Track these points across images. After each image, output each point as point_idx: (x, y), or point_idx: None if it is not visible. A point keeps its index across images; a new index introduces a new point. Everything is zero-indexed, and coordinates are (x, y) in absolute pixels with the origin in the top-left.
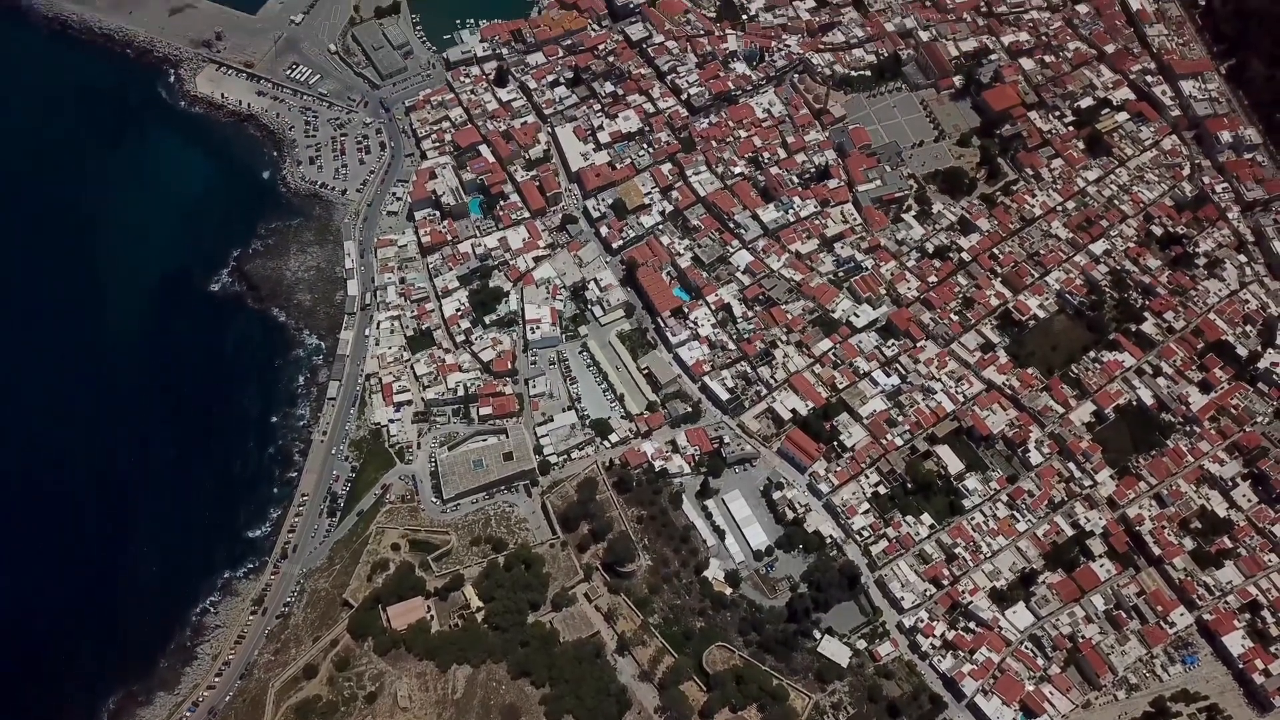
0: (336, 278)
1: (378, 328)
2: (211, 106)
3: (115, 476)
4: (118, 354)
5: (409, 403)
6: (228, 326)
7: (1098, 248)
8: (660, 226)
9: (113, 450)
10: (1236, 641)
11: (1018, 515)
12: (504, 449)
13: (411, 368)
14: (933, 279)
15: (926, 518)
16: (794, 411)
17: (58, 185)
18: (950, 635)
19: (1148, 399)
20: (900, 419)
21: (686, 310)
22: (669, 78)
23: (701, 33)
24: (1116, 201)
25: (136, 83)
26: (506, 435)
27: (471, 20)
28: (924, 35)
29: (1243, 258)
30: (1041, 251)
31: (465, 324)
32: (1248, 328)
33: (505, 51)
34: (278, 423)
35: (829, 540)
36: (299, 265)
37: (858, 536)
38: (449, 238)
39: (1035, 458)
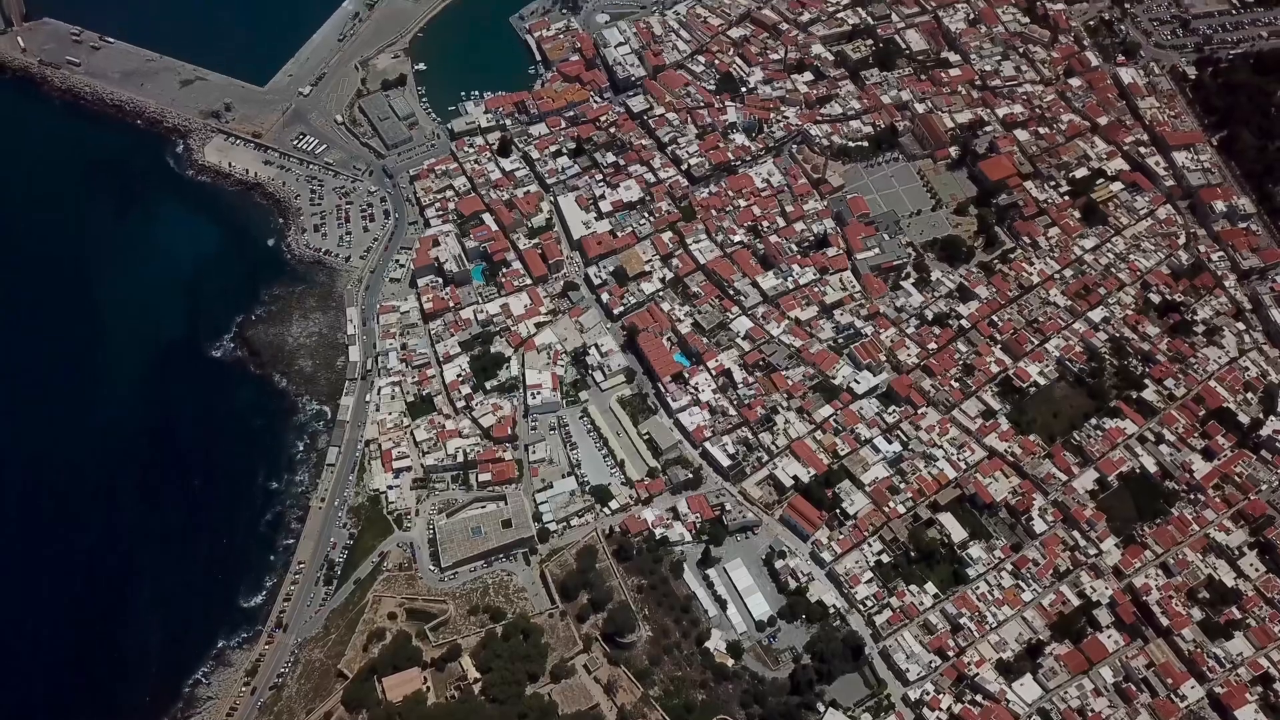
0: (338, 344)
1: (378, 394)
2: (219, 175)
3: (109, 543)
4: (117, 419)
5: (408, 469)
6: (228, 392)
7: (1096, 315)
8: (661, 293)
9: (108, 516)
10: (1249, 715)
11: (1023, 585)
12: (503, 516)
13: (411, 433)
14: (933, 346)
15: (931, 587)
16: (796, 478)
17: (64, 252)
18: (957, 709)
19: (1151, 466)
20: (903, 486)
21: (687, 376)
22: (669, 148)
23: (701, 105)
24: (1114, 269)
25: (146, 152)
26: (505, 502)
27: (476, 92)
28: (920, 107)
29: (1241, 325)
30: (1040, 319)
31: (466, 389)
32: (1248, 395)
33: (509, 123)
34: (276, 489)
35: (832, 610)
36: (301, 331)
37: (861, 606)
38: (451, 304)
39: (1039, 526)
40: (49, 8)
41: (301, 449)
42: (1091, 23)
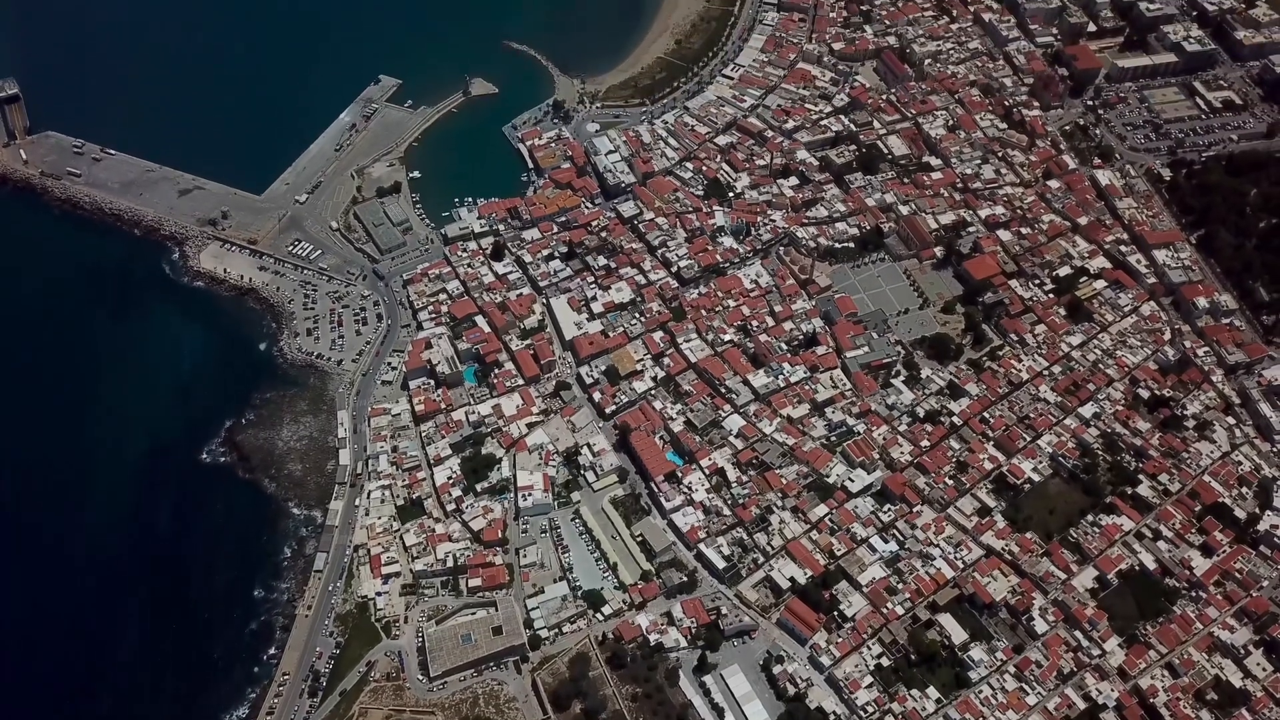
0: (329, 447)
1: (368, 497)
2: (214, 281)
3: (88, 649)
4: (100, 525)
5: (397, 575)
6: (215, 498)
7: (1087, 411)
8: (653, 392)
9: (87, 624)
10: None
11: (1026, 688)
12: (493, 623)
13: (401, 538)
14: (925, 443)
15: (933, 691)
16: (792, 580)
17: (59, 359)
18: None
19: (1150, 563)
20: (900, 586)
21: (680, 475)
22: (659, 251)
23: (690, 209)
24: (1101, 365)
25: (142, 259)
26: (496, 608)
27: (469, 199)
28: (904, 209)
29: (1231, 420)
30: (1031, 415)
31: (456, 492)
32: (1243, 490)
33: (502, 228)
34: (261, 597)
35: (832, 717)
36: (291, 435)
37: (862, 713)
38: (443, 406)
39: (1040, 626)
40: (53, 122)
41: (289, 555)
42: (1067, 128)
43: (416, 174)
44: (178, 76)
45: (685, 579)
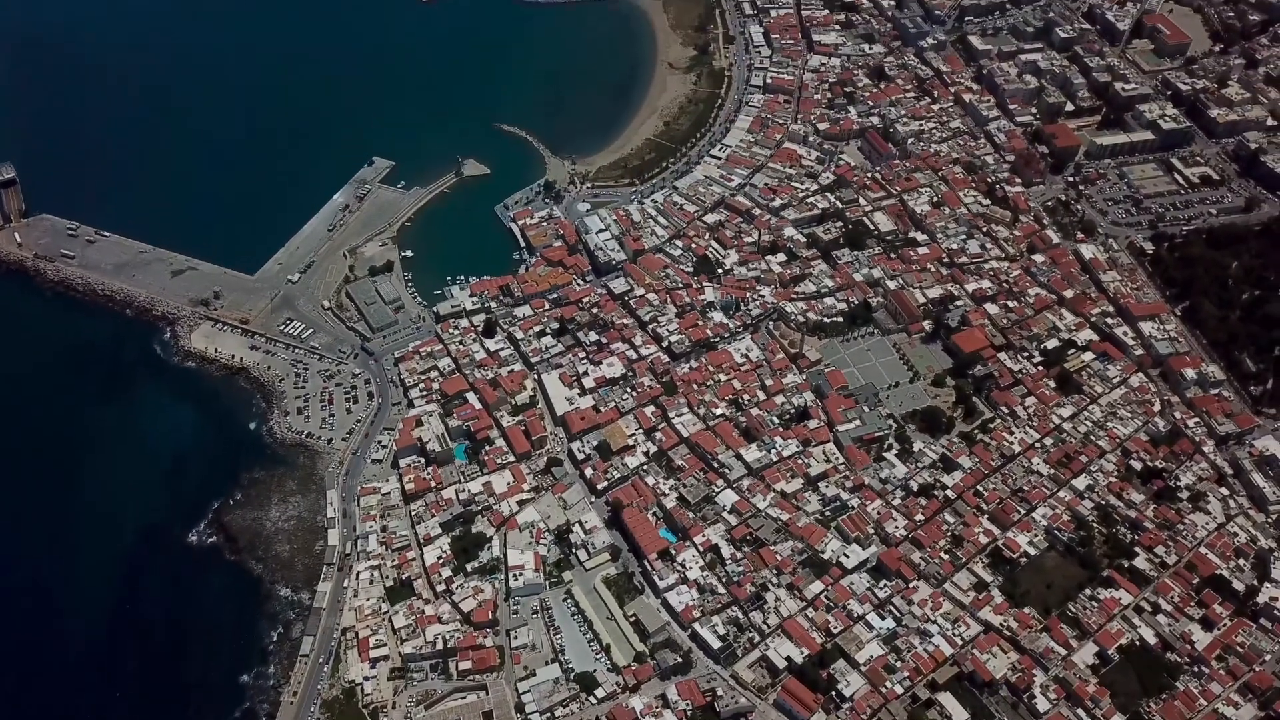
0: (317, 527)
1: (357, 578)
2: (204, 361)
3: None
4: (83, 609)
5: (385, 658)
6: (200, 580)
7: (1080, 483)
8: (645, 467)
9: (72, 710)
10: None
11: None
12: (484, 707)
13: (389, 620)
14: (920, 517)
15: None
16: (789, 659)
17: (46, 441)
18: None
19: (1150, 638)
20: (899, 664)
21: (674, 552)
22: (650, 327)
23: (680, 286)
24: (1093, 437)
25: (133, 340)
26: (486, 692)
27: (461, 277)
28: (891, 284)
29: (1225, 490)
30: (1025, 488)
31: (446, 572)
32: (1240, 561)
33: (494, 305)
34: (246, 683)
35: None
36: (280, 515)
37: None
38: (433, 484)
39: (1042, 704)
40: (49, 205)
41: (275, 639)
42: (1049, 204)
43: (409, 253)
44: (174, 159)
45: (680, 660)
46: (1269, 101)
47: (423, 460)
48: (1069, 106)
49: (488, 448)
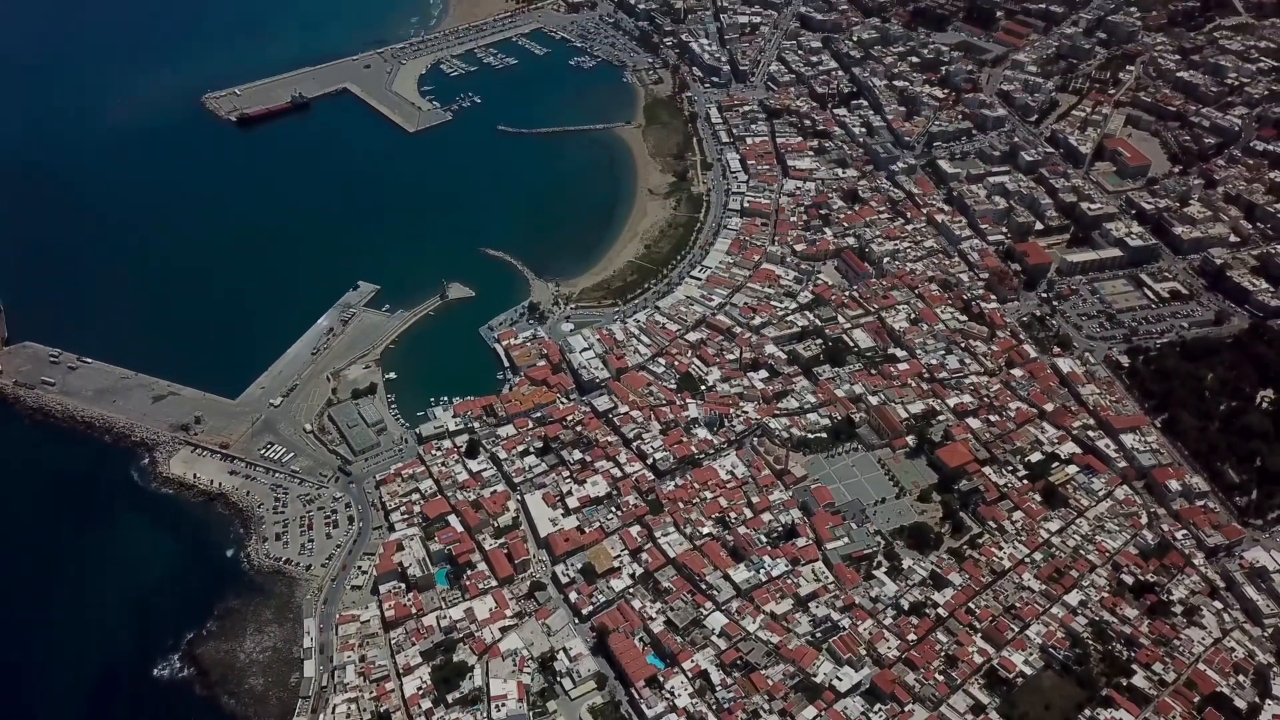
0: (293, 658)
1: (333, 712)
2: (182, 487)
3: None
4: None
5: None
6: (170, 718)
7: (1072, 599)
8: (631, 590)
9: None
10: None
11: None
12: None
13: None
14: (912, 637)
15: None
16: None
17: (13, 571)
18: None
19: None
20: None
21: (662, 679)
22: (634, 444)
23: (664, 402)
24: (1082, 551)
25: (109, 467)
26: None
27: (445, 398)
28: (873, 400)
29: (1218, 604)
30: (1017, 604)
31: (426, 704)
32: (1240, 678)
33: (477, 425)
34: None
35: None
36: (255, 646)
37: None
38: (413, 610)
39: None
40: (31, 332)
41: None
42: (1025, 319)
43: (392, 375)
44: (159, 285)
45: None
46: (1230, 219)
47: (403, 586)
48: (1038, 225)
49: (470, 572)
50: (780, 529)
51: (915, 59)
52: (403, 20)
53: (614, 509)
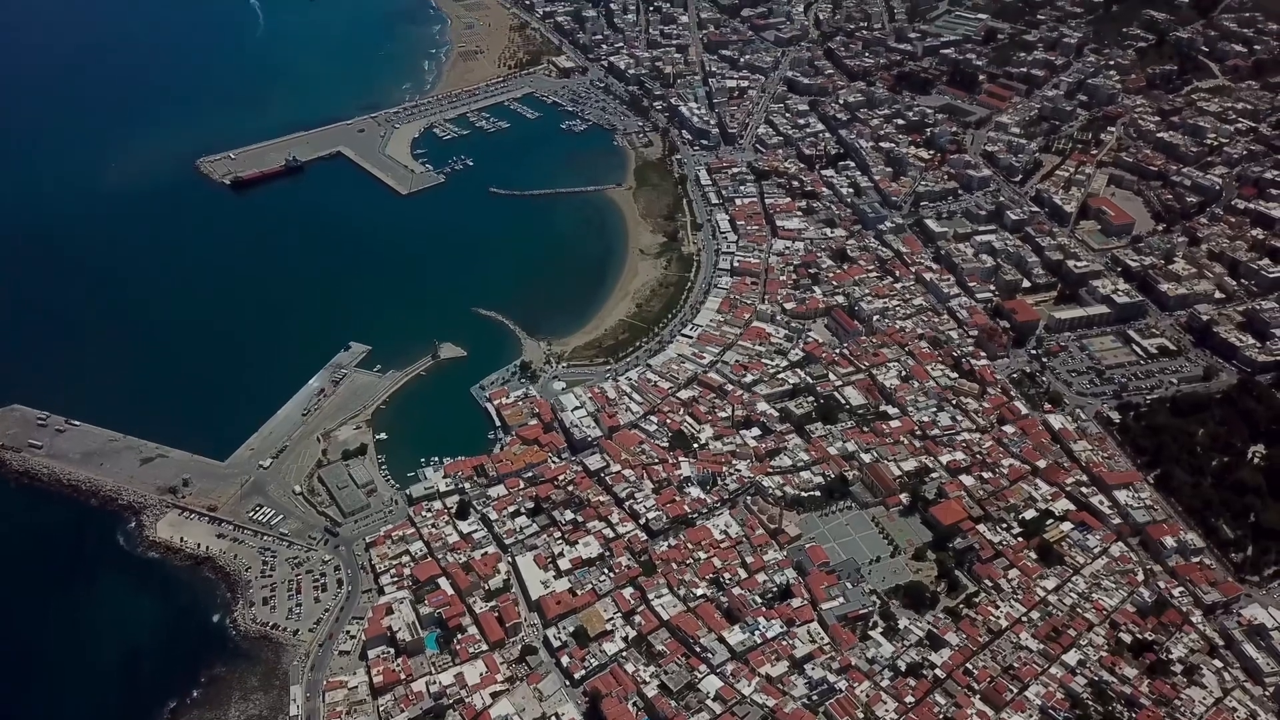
0: None
1: None
2: (169, 551)
3: None
4: None
5: None
6: None
7: (1071, 658)
8: (624, 653)
9: None
10: None
11: None
12: None
13: None
14: (910, 699)
15: None
16: None
17: None
18: None
19: None
20: None
21: None
22: (627, 504)
23: (656, 461)
24: (1079, 610)
25: (95, 531)
26: None
27: (436, 458)
28: (866, 457)
29: (1218, 663)
30: (1015, 664)
31: None
32: None
33: (468, 486)
34: None
35: None
36: (239, 715)
37: None
38: (403, 676)
39: None
40: (19, 395)
41: None
42: (1015, 376)
43: (383, 436)
44: (147, 347)
45: None
46: (1215, 276)
47: (392, 651)
48: (1025, 283)
49: (460, 636)
50: (775, 589)
51: (901, 121)
52: (396, 85)
53: (606, 570)
